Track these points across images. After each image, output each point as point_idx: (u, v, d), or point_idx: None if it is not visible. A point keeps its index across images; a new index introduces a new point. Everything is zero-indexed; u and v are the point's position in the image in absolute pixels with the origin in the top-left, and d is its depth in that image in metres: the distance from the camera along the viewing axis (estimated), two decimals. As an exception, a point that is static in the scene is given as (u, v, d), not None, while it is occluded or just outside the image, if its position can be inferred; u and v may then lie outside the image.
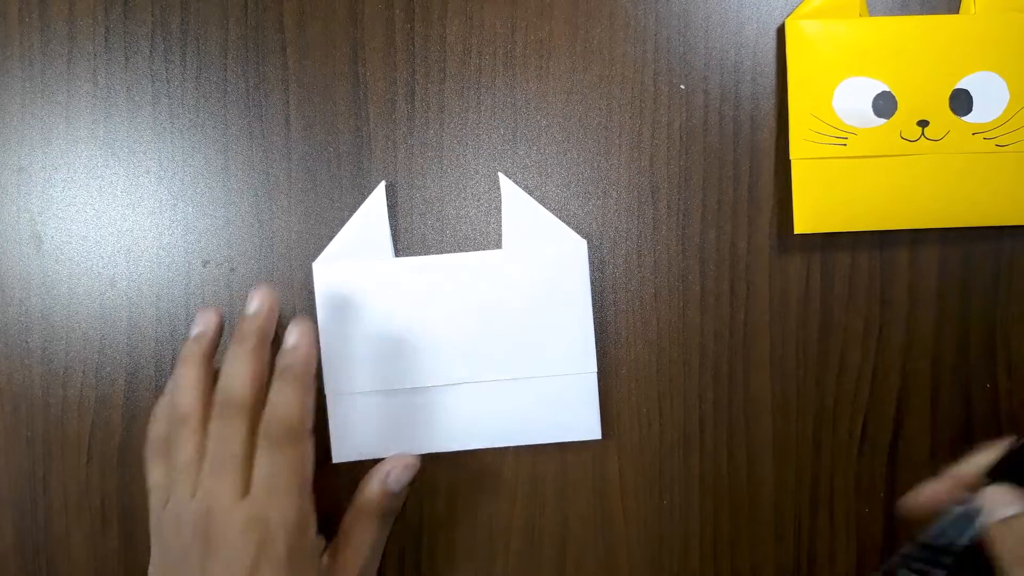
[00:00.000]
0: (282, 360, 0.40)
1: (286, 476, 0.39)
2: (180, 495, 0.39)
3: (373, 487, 0.43)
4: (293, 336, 0.41)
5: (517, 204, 0.45)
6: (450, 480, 0.43)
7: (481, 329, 0.44)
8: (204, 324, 0.42)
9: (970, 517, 0.37)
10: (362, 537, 0.42)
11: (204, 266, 0.45)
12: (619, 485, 0.46)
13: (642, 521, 0.46)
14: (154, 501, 0.40)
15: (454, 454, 0.44)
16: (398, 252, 0.45)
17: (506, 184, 0.45)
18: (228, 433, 0.39)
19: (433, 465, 0.45)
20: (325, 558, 0.41)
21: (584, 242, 0.44)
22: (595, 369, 0.45)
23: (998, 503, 0.37)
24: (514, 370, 0.44)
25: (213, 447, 0.39)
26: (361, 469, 0.43)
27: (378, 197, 0.44)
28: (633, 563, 0.46)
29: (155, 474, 0.41)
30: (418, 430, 0.45)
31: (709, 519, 0.46)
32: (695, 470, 0.46)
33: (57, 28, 0.44)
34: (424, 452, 0.45)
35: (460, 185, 0.45)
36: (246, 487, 0.38)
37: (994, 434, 0.47)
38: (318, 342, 0.42)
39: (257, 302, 0.41)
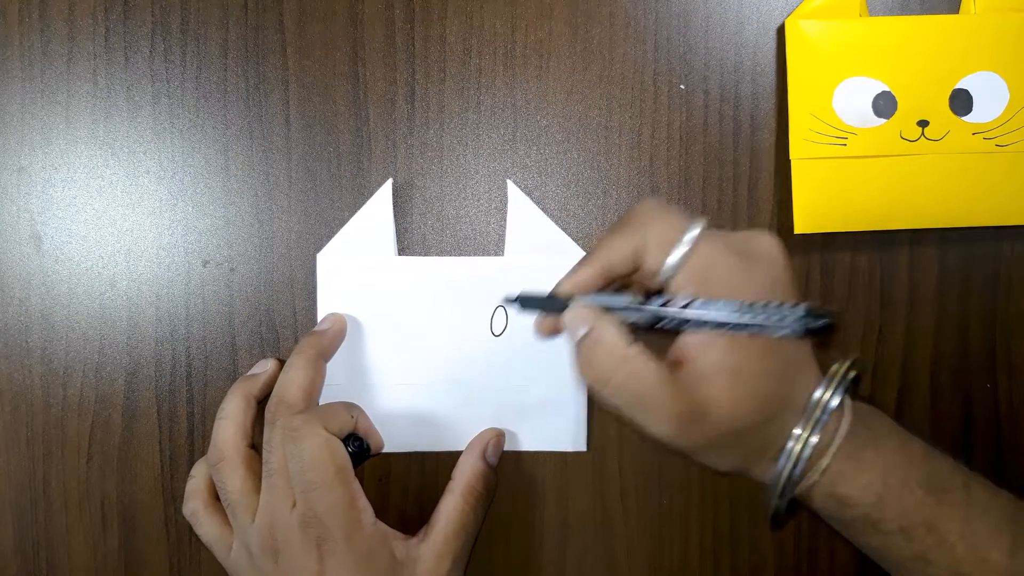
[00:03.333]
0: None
1: (314, 468, 0.38)
2: (242, 524, 0.40)
3: (475, 464, 0.42)
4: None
5: (523, 212, 0.45)
6: (449, 479, 0.43)
7: (478, 333, 0.44)
8: (260, 368, 0.44)
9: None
10: (460, 521, 0.41)
11: (204, 266, 0.45)
12: (619, 485, 0.46)
13: (642, 521, 0.46)
14: (219, 555, 0.41)
15: (453, 454, 0.44)
16: (398, 251, 0.45)
17: (514, 192, 0.45)
18: (278, 438, 0.39)
19: (432, 465, 0.45)
20: (417, 544, 0.40)
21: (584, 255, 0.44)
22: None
23: (577, 321, 0.36)
24: (507, 377, 0.45)
25: (266, 456, 0.40)
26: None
27: (384, 194, 0.44)
28: (633, 563, 0.46)
29: (207, 529, 0.41)
30: (409, 428, 0.45)
31: (709, 519, 0.46)
32: (695, 470, 0.46)
33: (57, 28, 0.44)
34: (412, 450, 0.45)
35: (460, 185, 0.45)
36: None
37: (994, 434, 0.47)
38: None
39: (328, 323, 0.44)
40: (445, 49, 0.45)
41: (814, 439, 0.36)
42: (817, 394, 0.36)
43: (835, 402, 0.36)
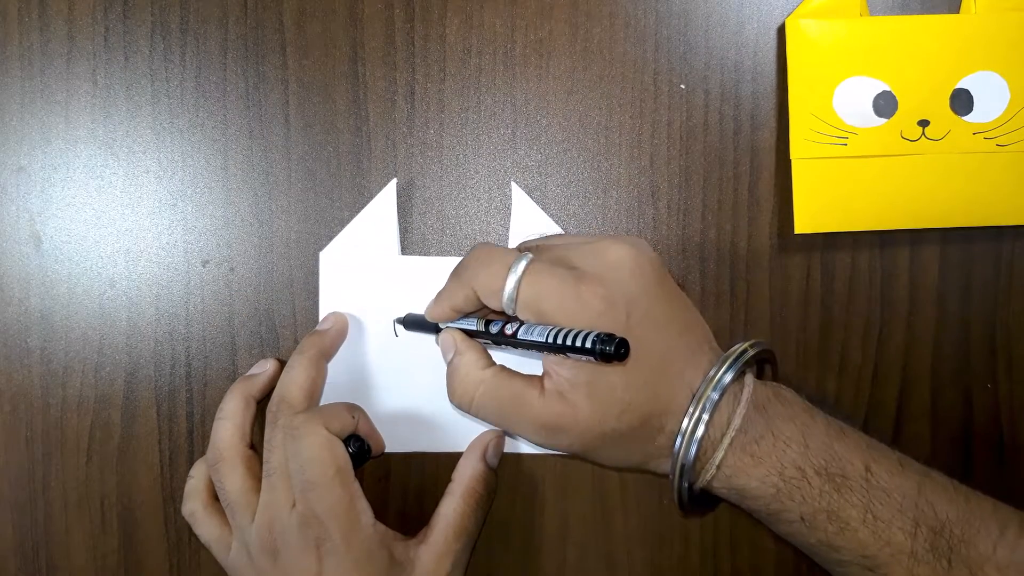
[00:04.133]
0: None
1: (314, 467, 0.38)
2: (242, 524, 0.40)
3: (475, 466, 0.42)
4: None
5: (526, 214, 0.45)
6: (449, 480, 0.43)
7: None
8: (260, 368, 0.44)
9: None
10: (460, 523, 0.41)
11: (204, 266, 0.45)
12: (619, 485, 0.46)
13: (642, 521, 0.46)
14: (218, 555, 0.41)
15: (453, 455, 0.44)
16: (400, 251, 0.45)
17: (518, 193, 0.45)
18: (279, 437, 0.39)
19: (432, 465, 0.45)
20: (416, 546, 0.40)
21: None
22: None
23: (445, 347, 0.41)
24: None
25: (267, 455, 0.40)
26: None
27: (388, 194, 0.44)
28: (633, 563, 0.46)
29: (206, 529, 0.41)
30: (409, 428, 0.45)
31: (709, 519, 0.46)
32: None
33: (56, 28, 0.44)
34: (412, 451, 0.45)
35: (460, 185, 0.45)
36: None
37: (994, 434, 0.47)
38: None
39: (329, 323, 0.44)
40: (445, 49, 0.45)
41: (705, 416, 0.36)
42: (709, 374, 0.37)
43: (725, 380, 0.37)
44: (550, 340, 0.36)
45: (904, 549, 0.36)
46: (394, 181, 0.44)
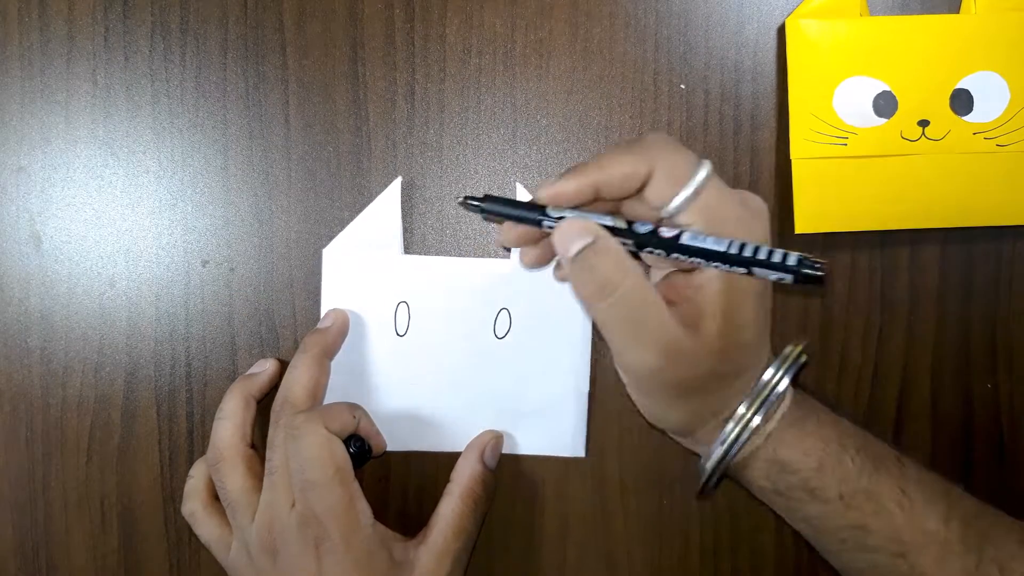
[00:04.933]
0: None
1: (313, 466, 0.38)
2: (242, 523, 0.40)
3: (473, 467, 0.42)
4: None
5: None
6: (448, 480, 0.43)
7: (481, 335, 0.44)
8: (260, 368, 0.43)
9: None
10: (459, 523, 0.41)
11: (204, 266, 0.45)
12: (619, 485, 0.46)
13: (642, 521, 0.46)
14: (218, 554, 0.41)
15: (453, 455, 0.44)
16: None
17: (523, 195, 0.45)
18: (280, 437, 0.39)
19: (432, 465, 0.45)
20: (415, 547, 0.40)
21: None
22: (587, 389, 0.45)
23: (577, 231, 0.35)
24: (508, 380, 0.44)
25: (269, 455, 0.40)
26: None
27: (393, 192, 0.44)
28: (633, 563, 0.46)
29: (206, 529, 0.41)
30: (408, 427, 0.45)
31: (709, 519, 0.46)
32: (695, 470, 0.46)
33: (56, 28, 0.44)
34: (411, 450, 0.45)
35: (460, 185, 0.45)
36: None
37: (994, 434, 0.47)
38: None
39: (330, 320, 0.43)
40: (445, 49, 0.45)
41: (758, 419, 0.37)
42: (767, 376, 0.37)
43: (784, 383, 0.37)
44: (739, 251, 0.33)
45: (937, 537, 0.36)
46: (399, 180, 0.44)
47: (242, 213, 0.45)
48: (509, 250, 0.45)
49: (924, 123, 0.44)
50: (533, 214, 0.36)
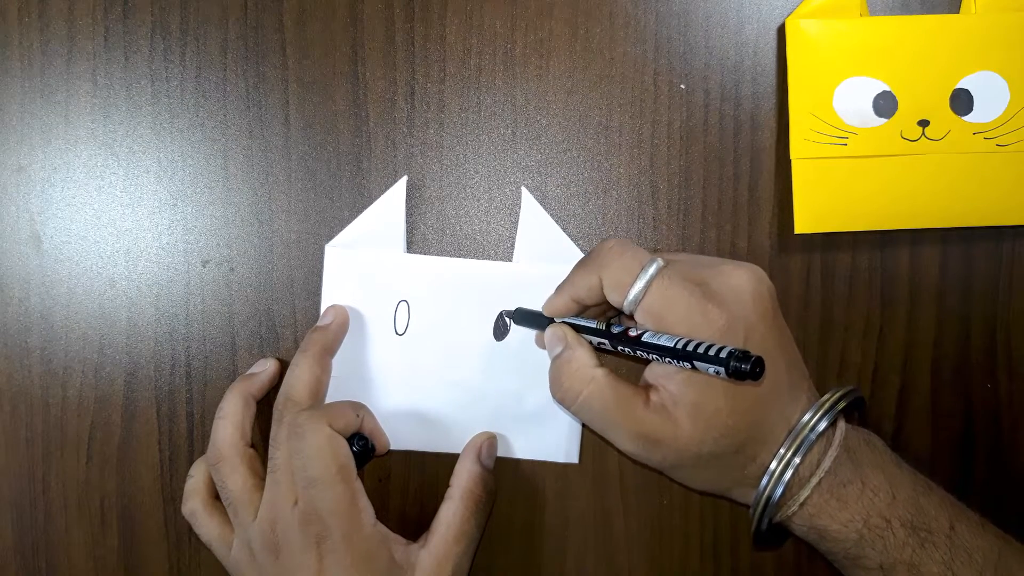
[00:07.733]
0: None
1: (316, 464, 0.38)
2: (244, 521, 0.40)
3: (471, 468, 0.42)
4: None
5: (535, 220, 0.45)
6: (448, 480, 0.43)
7: (480, 336, 0.44)
8: (259, 367, 0.44)
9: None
10: (460, 526, 0.41)
11: (204, 266, 0.45)
12: (619, 485, 0.46)
13: (642, 521, 0.46)
14: (219, 553, 0.41)
15: (452, 456, 0.44)
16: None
17: (527, 199, 0.45)
18: (283, 435, 0.39)
19: (432, 465, 0.45)
20: (417, 550, 0.40)
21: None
22: None
23: (553, 340, 0.40)
24: (506, 383, 0.44)
25: (272, 453, 0.40)
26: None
27: (398, 191, 0.44)
28: (633, 563, 0.46)
29: (206, 528, 0.41)
30: (406, 426, 0.45)
31: (709, 519, 0.46)
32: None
33: (56, 28, 0.44)
34: (408, 448, 0.45)
35: (459, 185, 0.45)
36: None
37: (994, 434, 0.47)
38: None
39: (329, 317, 0.43)
40: (445, 49, 0.45)
41: (796, 459, 0.37)
42: (805, 419, 0.37)
43: (820, 427, 0.37)
44: (680, 347, 0.35)
45: None
46: (404, 179, 0.44)
47: (242, 213, 0.45)
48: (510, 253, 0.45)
49: (924, 123, 0.44)
50: (544, 322, 0.41)
